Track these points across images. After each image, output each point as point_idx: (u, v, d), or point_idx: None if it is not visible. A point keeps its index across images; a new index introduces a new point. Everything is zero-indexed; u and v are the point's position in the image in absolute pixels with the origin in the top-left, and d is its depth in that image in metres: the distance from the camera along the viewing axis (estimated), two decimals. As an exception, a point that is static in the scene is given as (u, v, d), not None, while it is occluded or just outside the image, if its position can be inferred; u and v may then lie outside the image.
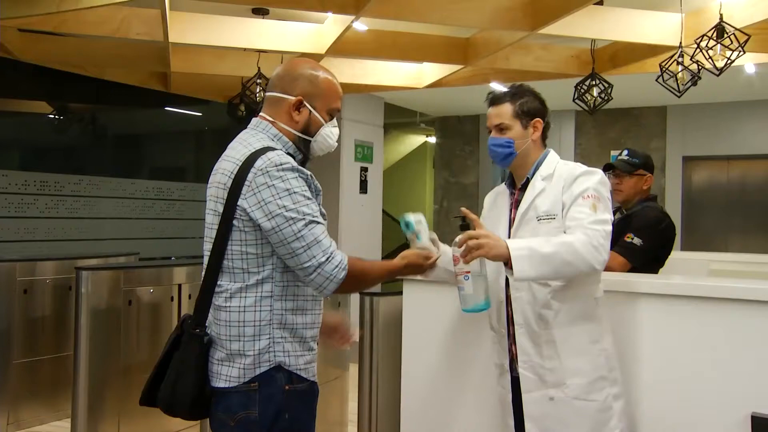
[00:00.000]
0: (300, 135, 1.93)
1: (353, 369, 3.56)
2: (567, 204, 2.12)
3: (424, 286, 2.95)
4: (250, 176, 1.77)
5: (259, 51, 5.33)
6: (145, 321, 4.19)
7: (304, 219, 1.77)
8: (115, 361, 3.98)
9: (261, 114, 1.96)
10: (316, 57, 5.25)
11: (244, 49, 5.41)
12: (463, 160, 9.88)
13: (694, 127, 8.62)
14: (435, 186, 10.63)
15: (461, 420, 2.83)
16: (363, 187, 8.02)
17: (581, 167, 2.20)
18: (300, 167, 1.84)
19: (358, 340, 2.08)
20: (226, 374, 1.83)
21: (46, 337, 4.63)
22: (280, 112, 1.92)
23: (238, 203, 1.78)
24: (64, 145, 6.59)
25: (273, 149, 1.83)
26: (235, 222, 1.80)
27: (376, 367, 3.15)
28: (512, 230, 2.22)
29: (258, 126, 1.93)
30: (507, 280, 2.23)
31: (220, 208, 1.83)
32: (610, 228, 2.08)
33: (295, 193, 1.78)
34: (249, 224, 1.79)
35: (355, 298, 3.66)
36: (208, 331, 1.86)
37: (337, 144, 2.04)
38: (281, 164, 1.78)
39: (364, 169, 8.06)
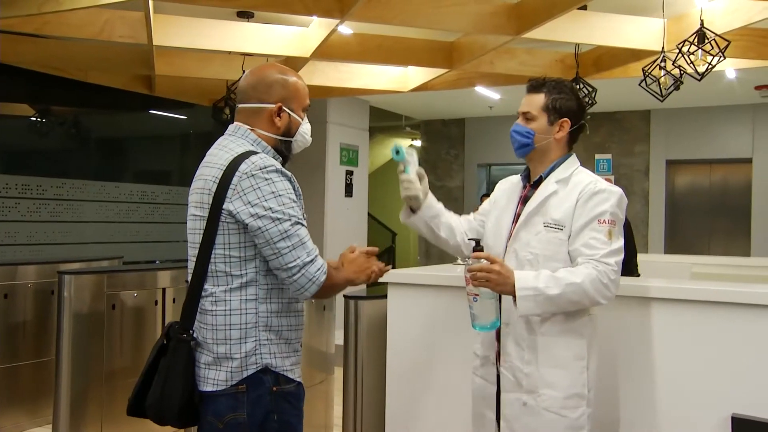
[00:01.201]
0: (281, 138, 1.97)
1: (338, 372, 3.55)
2: (580, 222, 2.07)
3: (408, 290, 2.95)
4: (235, 180, 1.80)
5: (244, 54, 5.32)
6: (129, 325, 4.15)
7: (290, 220, 1.80)
8: (97, 366, 3.94)
9: (237, 122, 1.98)
10: (301, 60, 5.25)
11: (229, 53, 5.39)
12: (449, 164, 9.90)
13: (677, 131, 8.71)
14: (420, 189, 10.61)
15: (446, 423, 2.83)
16: (348, 191, 8.02)
17: (601, 183, 2.13)
18: (284, 169, 1.87)
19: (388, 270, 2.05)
20: (213, 378, 1.84)
21: (27, 342, 4.57)
22: (259, 120, 1.94)
23: (224, 207, 1.80)
24: (47, 149, 6.52)
25: (256, 153, 1.86)
26: (219, 225, 1.82)
27: (360, 371, 3.14)
28: (515, 228, 2.18)
29: (237, 132, 1.95)
30: None
31: (205, 213, 1.85)
32: (622, 257, 2.06)
33: (280, 195, 1.81)
34: (234, 227, 1.81)
35: (339, 302, 3.65)
36: (195, 336, 1.87)
37: (311, 139, 2.08)
38: (266, 167, 1.81)
39: (349, 173, 8.05)
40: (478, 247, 2.07)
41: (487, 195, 8.36)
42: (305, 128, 2.02)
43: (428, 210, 2.35)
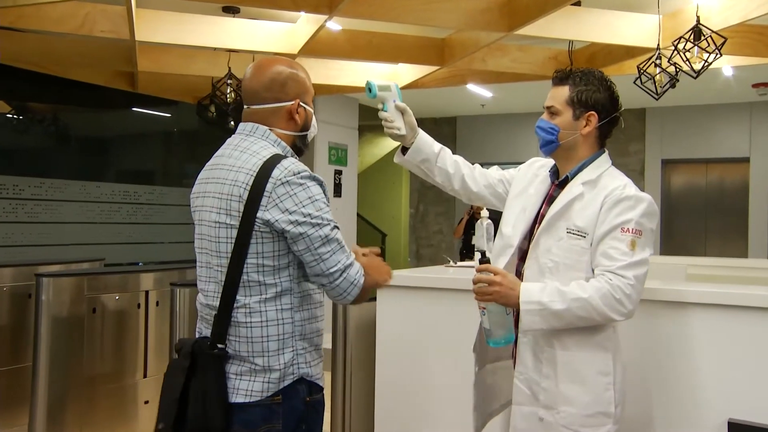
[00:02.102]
0: (298, 134, 1.97)
1: (326, 377, 3.53)
2: (602, 229, 1.97)
3: (398, 292, 2.94)
4: (269, 187, 1.78)
5: (230, 50, 5.30)
6: (110, 329, 4.12)
7: (329, 224, 1.82)
8: (77, 372, 3.90)
9: (252, 122, 1.94)
10: (289, 57, 5.23)
11: (214, 49, 5.37)
12: (440, 163, 9.89)
13: (672, 130, 8.75)
14: (411, 189, 10.64)
15: (438, 430, 2.83)
16: (337, 191, 8.00)
17: (630, 189, 2.01)
18: (316, 175, 1.87)
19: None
20: (245, 389, 1.82)
21: (3, 348, 4.50)
22: (277, 119, 1.93)
23: (258, 215, 1.78)
24: (24, 147, 6.47)
25: (285, 157, 1.85)
26: (252, 234, 1.80)
27: (349, 376, 3.13)
28: (537, 232, 2.08)
29: (255, 132, 1.91)
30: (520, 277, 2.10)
31: (230, 221, 1.82)
32: (644, 271, 1.95)
33: (317, 200, 1.82)
34: (268, 236, 1.80)
35: (327, 305, 3.64)
36: (226, 350, 1.84)
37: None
38: (299, 172, 1.81)
39: (338, 173, 8.04)
40: (484, 258, 2.00)
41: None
42: (314, 118, 2.05)
43: (416, 154, 2.28)
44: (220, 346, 1.83)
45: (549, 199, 2.13)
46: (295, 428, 1.84)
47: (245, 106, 1.96)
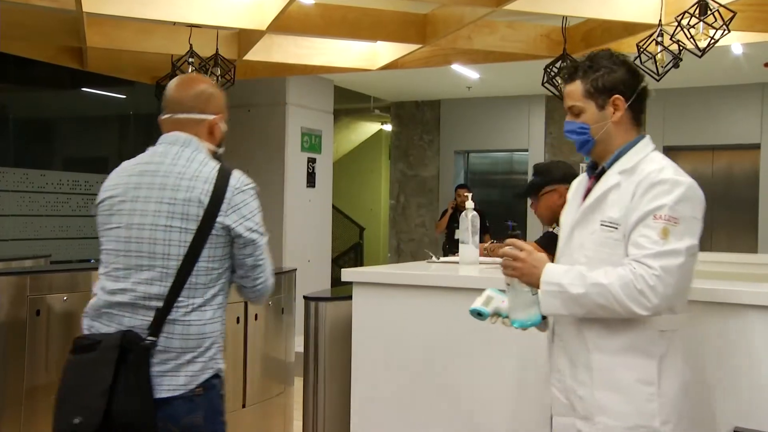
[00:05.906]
0: (215, 150, 2.26)
1: (298, 383, 3.55)
2: (634, 217, 1.96)
3: (376, 290, 2.95)
4: (228, 194, 2.11)
5: (191, 26, 5.26)
6: (57, 335, 4.07)
7: (265, 236, 2.19)
8: (17, 383, 3.85)
9: (183, 132, 2.20)
10: (256, 33, 5.21)
11: (174, 23, 5.33)
12: (422, 151, 9.92)
13: (675, 114, 8.80)
14: (391, 179, 10.65)
15: (418, 440, 2.85)
16: (310, 181, 8.00)
17: (666, 172, 1.99)
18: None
19: None
20: (168, 384, 2.06)
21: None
22: (201, 131, 2.22)
23: (218, 220, 2.08)
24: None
25: (232, 168, 2.17)
26: (209, 239, 2.09)
27: (322, 381, 3.15)
28: (572, 225, 2.13)
29: (191, 144, 2.18)
30: None
31: (186, 225, 2.07)
32: (677, 262, 1.90)
33: (260, 212, 2.18)
34: (221, 241, 2.11)
35: (299, 304, 3.64)
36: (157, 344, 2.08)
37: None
38: (249, 183, 2.17)
39: (311, 160, 8.03)
40: (514, 232, 2.07)
41: (463, 186, 8.40)
42: None
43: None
44: (151, 338, 2.04)
45: (586, 194, 2.15)
46: (213, 420, 2.13)
47: (167, 115, 2.22)
